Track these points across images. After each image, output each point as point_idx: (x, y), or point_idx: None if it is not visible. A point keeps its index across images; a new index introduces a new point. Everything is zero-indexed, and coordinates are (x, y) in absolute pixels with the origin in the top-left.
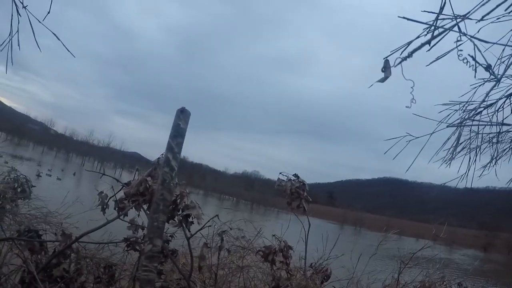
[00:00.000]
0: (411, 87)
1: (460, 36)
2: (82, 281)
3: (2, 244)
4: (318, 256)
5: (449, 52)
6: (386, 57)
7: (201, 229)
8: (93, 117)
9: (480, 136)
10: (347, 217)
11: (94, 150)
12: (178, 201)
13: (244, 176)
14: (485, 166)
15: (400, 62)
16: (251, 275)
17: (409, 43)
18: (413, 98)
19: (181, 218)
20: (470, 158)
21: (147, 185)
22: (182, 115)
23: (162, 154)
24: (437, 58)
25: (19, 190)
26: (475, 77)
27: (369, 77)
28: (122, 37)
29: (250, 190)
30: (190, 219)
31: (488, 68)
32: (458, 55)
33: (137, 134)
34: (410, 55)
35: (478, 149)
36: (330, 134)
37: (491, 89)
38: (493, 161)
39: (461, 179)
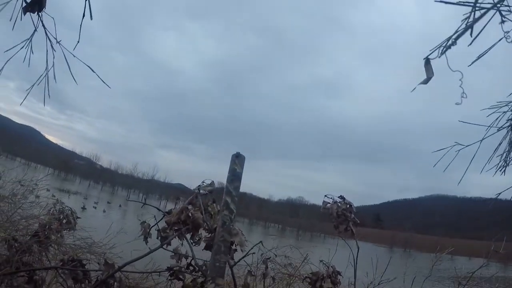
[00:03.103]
0: (460, 80)
1: (502, 18)
2: None
3: (46, 272)
4: (368, 281)
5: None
6: (427, 57)
7: (244, 256)
8: (137, 151)
9: None
10: (396, 239)
11: (139, 182)
12: None
13: (288, 202)
14: None
15: (444, 52)
16: None
17: (448, 39)
18: (463, 92)
19: None
20: None
21: (189, 214)
22: (238, 159)
23: (203, 182)
24: (473, 39)
25: (64, 221)
26: None
27: (407, 95)
28: (163, 74)
29: (295, 216)
30: (234, 247)
31: None
32: (506, 37)
33: (181, 165)
34: (454, 42)
35: None
36: (373, 156)
37: None
38: None
39: None
